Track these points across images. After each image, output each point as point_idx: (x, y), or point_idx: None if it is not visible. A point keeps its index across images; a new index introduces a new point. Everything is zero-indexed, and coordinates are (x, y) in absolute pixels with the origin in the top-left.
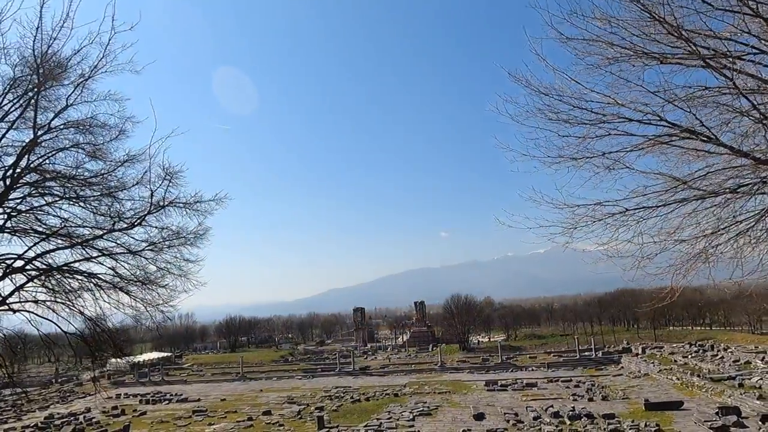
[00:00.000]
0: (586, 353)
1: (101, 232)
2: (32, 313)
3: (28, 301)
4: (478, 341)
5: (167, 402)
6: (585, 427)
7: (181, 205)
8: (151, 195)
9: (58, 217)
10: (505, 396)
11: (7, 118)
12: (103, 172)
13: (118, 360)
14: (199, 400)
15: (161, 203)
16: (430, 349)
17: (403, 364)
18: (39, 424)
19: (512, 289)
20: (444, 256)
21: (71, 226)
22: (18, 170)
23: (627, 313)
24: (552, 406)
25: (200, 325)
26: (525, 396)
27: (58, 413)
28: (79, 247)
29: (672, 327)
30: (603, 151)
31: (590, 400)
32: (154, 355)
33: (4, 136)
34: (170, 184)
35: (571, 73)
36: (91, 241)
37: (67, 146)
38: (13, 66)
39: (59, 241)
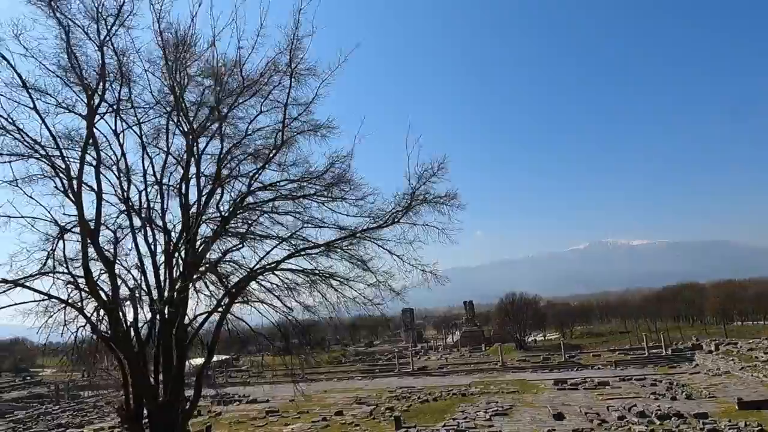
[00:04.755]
0: (654, 350)
1: (346, 233)
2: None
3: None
4: (535, 340)
5: (237, 403)
6: (678, 426)
7: (440, 201)
8: (413, 193)
9: (299, 217)
10: (578, 395)
11: (205, 126)
12: (332, 172)
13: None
14: (267, 401)
15: (417, 200)
16: (483, 349)
17: (462, 364)
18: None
19: (549, 286)
20: (479, 254)
21: (311, 227)
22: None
23: (691, 308)
24: (635, 405)
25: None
26: (600, 395)
27: None
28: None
29: (741, 322)
30: None
31: (673, 398)
32: (213, 358)
33: (208, 141)
34: (427, 182)
35: None
36: (336, 242)
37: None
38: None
39: (300, 243)
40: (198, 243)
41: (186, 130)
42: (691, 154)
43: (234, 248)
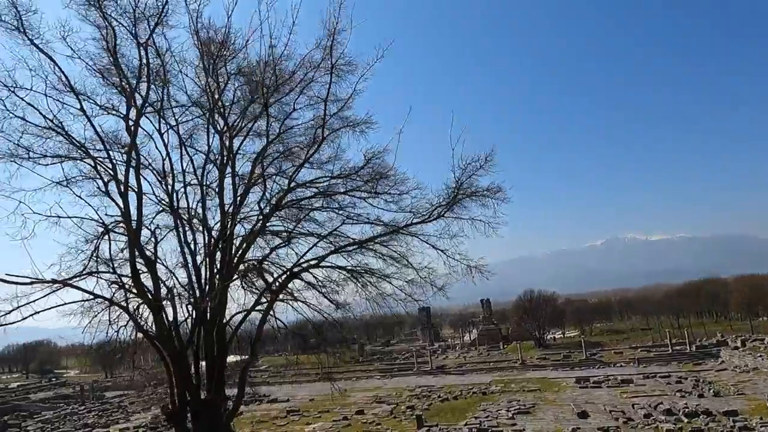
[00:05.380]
0: (678, 347)
1: (389, 229)
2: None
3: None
4: (554, 338)
5: (258, 402)
6: (707, 424)
7: (486, 194)
8: (459, 186)
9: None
10: (601, 393)
11: (237, 126)
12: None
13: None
14: (288, 400)
15: (463, 194)
16: (501, 347)
17: (480, 363)
18: (149, 424)
19: (567, 283)
20: (495, 252)
21: (352, 223)
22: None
23: (715, 303)
24: (661, 403)
25: (269, 328)
26: (624, 393)
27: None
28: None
29: (767, 317)
30: None
31: (700, 396)
32: (233, 358)
33: (244, 139)
34: (473, 176)
35: None
36: (378, 238)
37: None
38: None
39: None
40: (239, 242)
41: (222, 129)
42: (708, 147)
43: (280, 246)
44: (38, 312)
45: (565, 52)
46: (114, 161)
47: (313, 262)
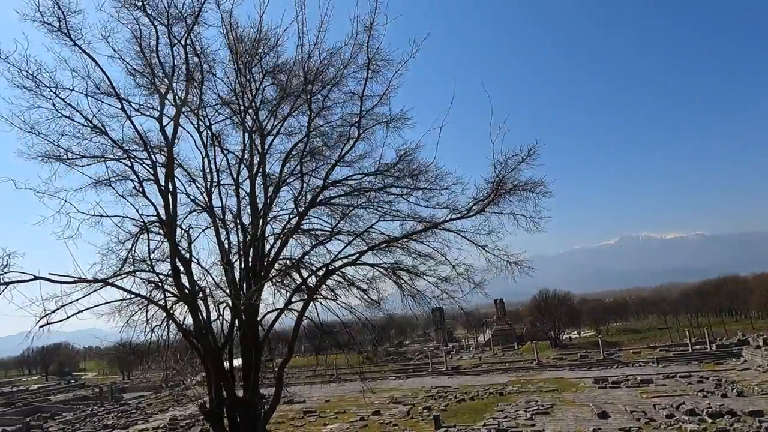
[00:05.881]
0: (697, 347)
1: (427, 225)
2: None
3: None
4: (570, 338)
5: None
6: (732, 425)
7: (527, 188)
8: (500, 181)
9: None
10: (621, 393)
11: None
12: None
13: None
14: (304, 401)
15: (504, 188)
16: (516, 347)
17: (496, 363)
18: (167, 425)
19: (580, 282)
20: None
21: (389, 219)
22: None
23: (735, 302)
24: (684, 403)
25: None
26: (645, 393)
27: (180, 415)
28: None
29: None
30: None
31: (724, 396)
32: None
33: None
34: (515, 168)
35: None
36: (415, 234)
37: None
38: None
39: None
40: (272, 240)
41: (253, 128)
42: (725, 143)
43: (322, 242)
44: (81, 311)
45: (567, 52)
46: (155, 161)
47: (349, 260)
